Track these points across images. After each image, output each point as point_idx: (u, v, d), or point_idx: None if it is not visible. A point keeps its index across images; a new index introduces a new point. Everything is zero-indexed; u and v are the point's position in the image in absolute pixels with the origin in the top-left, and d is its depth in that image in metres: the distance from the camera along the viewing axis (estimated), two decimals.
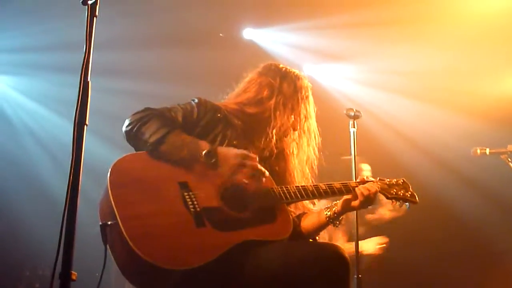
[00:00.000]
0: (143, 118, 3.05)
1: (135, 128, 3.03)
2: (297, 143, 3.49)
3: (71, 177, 2.00)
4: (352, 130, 4.46)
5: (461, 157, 6.20)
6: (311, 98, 3.53)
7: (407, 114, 7.04)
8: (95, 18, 2.26)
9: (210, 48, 7.35)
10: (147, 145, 3.00)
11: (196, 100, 3.30)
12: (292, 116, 3.41)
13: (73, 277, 1.99)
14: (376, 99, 6.69)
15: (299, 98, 3.46)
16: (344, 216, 3.36)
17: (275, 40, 7.46)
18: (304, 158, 3.50)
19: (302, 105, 3.46)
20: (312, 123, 3.53)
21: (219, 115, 3.31)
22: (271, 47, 7.44)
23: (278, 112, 3.37)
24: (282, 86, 3.44)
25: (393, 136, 6.98)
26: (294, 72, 3.56)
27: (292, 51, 7.16)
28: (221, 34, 7.59)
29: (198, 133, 3.19)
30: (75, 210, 2.00)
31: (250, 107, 3.40)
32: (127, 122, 3.08)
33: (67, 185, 2.02)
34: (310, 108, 3.51)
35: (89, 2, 2.25)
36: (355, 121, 4.46)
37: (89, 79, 2.19)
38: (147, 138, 2.99)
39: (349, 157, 4.46)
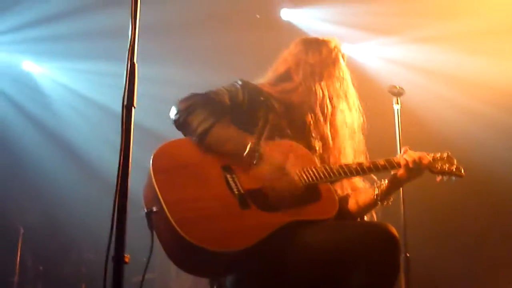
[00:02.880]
0: (189, 107, 3.03)
1: (181, 118, 3.03)
2: (341, 111, 3.39)
3: (121, 159, 1.99)
4: (396, 107, 4.36)
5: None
6: (340, 62, 3.43)
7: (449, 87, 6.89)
8: None
9: (248, 29, 7.29)
10: (194, 136, 2.99)
11: (240, 82, 3.26)
12: (325, 84, 3.34)
13: (126, 260, 1.99)
14: (418, 77, 6.54)
15: (328, 64, 3.38)
16: (393, 195, 3.29)
17: (312, 20, 7.34)
18: (352, 125, 3.42)
19: (334, 71, 3.38)
20: (347, 85, 3.42)
21: (261, 98, 3.27)
22: (307, 27, 7.31)
23: (310, 84, 3.32)
24: (308, 55, 3.38)
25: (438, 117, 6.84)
26: (319, 39, 3.49)
27: (330, 30, 7.02)
28: (257, 16, 7.50)
29: (243, 116, 3.17)
30: (126, 192, 2.00)
31: (281, 85, 3.35)
32: (174, 110, 3.07)
33: (117, 168, 2.01)
34: (341, 72, 3.42)
35: None
36: (398, 98, 4.36)
37: (135, 61, 2.17)
38: (194, 128, 2.98)
39: None
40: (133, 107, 2.13)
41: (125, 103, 2.10)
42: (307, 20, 7.42)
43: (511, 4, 6.33)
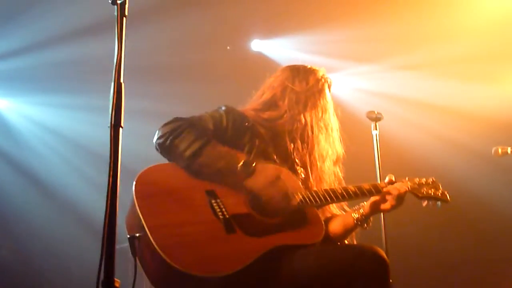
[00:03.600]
0: (175, 129, 2.97)
1: (168, 141, 2.96)
2: (321, 140, 3.37)
3: (110, 180, 1.92)
4: (374, 132, 4.39)
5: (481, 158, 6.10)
6: (326, 92, 3.42)
7: (425, 114, 6.95)
8: (124, 18, 2.20)
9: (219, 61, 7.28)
10: (183, 159, 2.93)
11: (224, 108, 3.23)
12: (309, 113, 3.32)
13: (116, 284, 1.90)
14: (394, 102, 6.59)
15: (313, 93, 3.36)
16: (372, 218, 3.28)
17: (284, 50, 7.36)
18: (332, 154, 3.39)
19: (318, 101, 3.36)
20: (329, 116, 3.40)
21: (246, 123, 3.23)
22: (279, 57, 7.33)
23: (294, 112, 3.30)
24: (294, 83, 3.36)
25: (415, 137, 6.88)
26: (306, 67, 3.48)
27: (303, 59, 7.03)
28: (228, 47, 7.51)
29: (227, 141, 3.11)
30: (115, 214, 1.93)
31: (266, 112, 3.33)
32: (159, 133, 3.01)
33: (106, 189, 1.94)
34: (325, 102, 3.40)
35: (118, 2, 2.18)
36: (377, 123, 4.39)
37: (122, 81, 2.11)
38: (182, 151, 2.93)
39: None
40: (120, 127, 2.06)
41: (112, 122, 2.03)
42: (278, 51, 7.44)
43: (488, 30, 6.44)
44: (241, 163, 2.89)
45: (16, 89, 7.67)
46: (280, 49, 7.41)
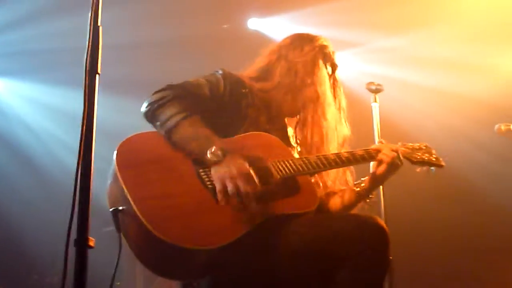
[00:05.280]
0: (160, 100, 2.81)
1: (150, 111, 2.81)
2: (316, 111, 3.19)
3: (84, 130, 1.75)
4: (374, 104, 4.21)
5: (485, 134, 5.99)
6: (320, 63, 3.23)
7: (423, 93, 6.84)
8: None
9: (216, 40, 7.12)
10: (162, 130, 2.78)
11: (221, 72, 3.06)
12: (302, 85, 3.17)
13: (91, 243, 1.73)
14: (392, 80, 6.44)
15: (307, 62, 3.19)
16: (375, 193, 3.21)
17: (281, 29, 7.20)
18: (328, 124, 3.21)
19: (313, 70, 3.19)
20: (324, 91, 3.21)
21: (243, 90, 3.08)
22: (277, 36, 7.16)
23: (286, 82, 3.16)
24: (289, 50, 3.22)
25: (412, 116, 6.77)
26: (307, 35, 3.32)
27: None
28: (225, 26, 7.35)
29: (224, 107, 2.98)
30: (90, 166, 1.76)
31: (259, 81, 3.18)
32: (146, 101, 2.86)
33: (79, 141, 1.77)
34: (320, 73, 3.21)
35: None
36: (376, 96, 4.21)
37: (99, 24, 1.94)
38: (161, 123, 2.78)
39: None
40: (97, 74, 1.89)
41: (87, 68, 1.85)
42: (275, 29, 7.28)
43: (489, 12, 6.32)
44: (212, 149, 2.68)
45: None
46: (277, 27, 7.25)
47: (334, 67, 3.32)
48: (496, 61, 6.55)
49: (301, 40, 3.27)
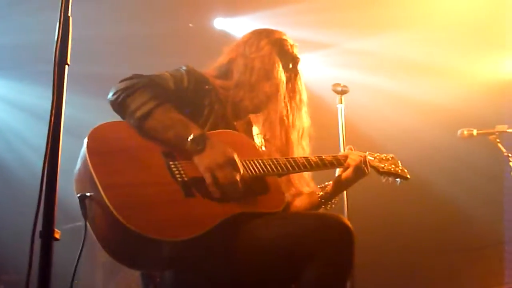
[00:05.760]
0: (129, 88, 2.77)
1: (119, 98, 2.76)
2: (274, 109, 3.16)
3: (52, 119, 1.72)
4: (339, 106, 4.25)
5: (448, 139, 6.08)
6: (275, 57, 3.15)
7: (389, 97, 6.91)
8: None
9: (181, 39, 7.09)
10: (132, 120, 2.74)
11: (185, 68, 3.04)
12: (258, 82, 3.12)
13: (56, 235, 1.71)
14: (356, 83, 6.50)
15: (262, 57, 3.12)
16: (337, 198, 3.24)
17: (247, 29, 7.18)
18: (291, 129, 3.21)
19: (266, 66, 3.12)
20: (282, 86, 3.16)
21: (207, 86, 3.06)
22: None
23: (243, 79, 3.11)
24: (246, 46, 3.17)
25: (376, 122, 6.85)
26: (265, 30, 3.27)
27: None
28: (190, 25, 7.33)
29: (188, 102, 2.95)
30: (57, 158, 1.73)
31: (219, 79, 3.14)
32: (113, 89, 2.81)
33: (47, 130, 1.74)
34: (276, 67, 3.14)
35: None
36: (342, 97, 4.25)
37: (69, 14, 1.91)
38: (132, 111, 2.73)
39: None
40: (66, 64, 1.86)
41: (57, 59, 1.83)
42: (242, 29, 7.25)
43: (455, 16, 6.44)
44: (191, 137, 2.68)
45: None
46: (244, 27, 7.18)
47: (295, 60, 3.26)
48: (460, 66, 6.66)
49: (258, 36, 3.21)
